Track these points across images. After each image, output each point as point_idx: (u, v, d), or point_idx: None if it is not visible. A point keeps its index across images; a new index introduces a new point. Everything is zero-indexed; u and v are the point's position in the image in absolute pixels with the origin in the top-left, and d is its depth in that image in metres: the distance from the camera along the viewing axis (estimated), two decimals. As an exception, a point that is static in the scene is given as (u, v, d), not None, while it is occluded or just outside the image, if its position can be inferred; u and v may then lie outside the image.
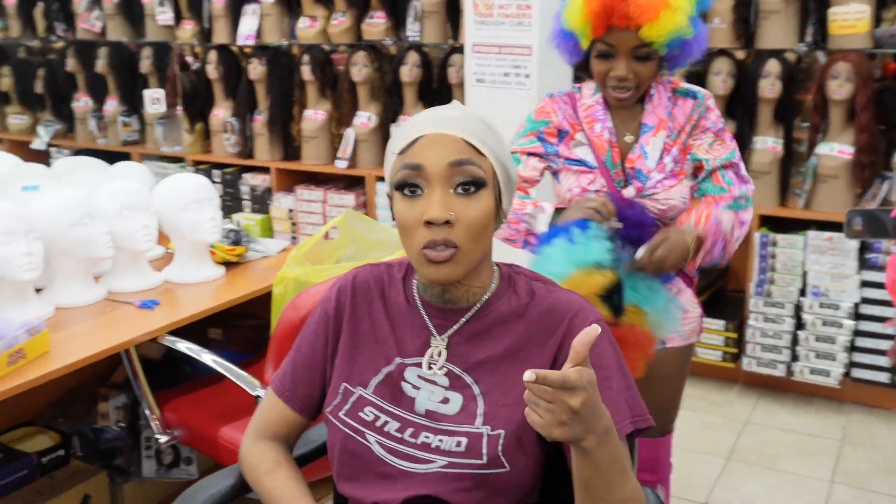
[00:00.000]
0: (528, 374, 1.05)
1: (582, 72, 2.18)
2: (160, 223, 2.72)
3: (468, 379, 1.36)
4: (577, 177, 2.08)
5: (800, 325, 3.72)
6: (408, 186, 1.29)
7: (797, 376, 3.75)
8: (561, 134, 2.12)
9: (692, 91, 2.09)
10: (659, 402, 2.20)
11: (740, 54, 3.95)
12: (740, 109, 3.89)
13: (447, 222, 1.26)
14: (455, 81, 4.27)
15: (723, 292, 4.21)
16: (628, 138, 2.08)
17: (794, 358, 3.75)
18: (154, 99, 3.52)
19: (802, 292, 3.72)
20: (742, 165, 2.10)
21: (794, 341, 3.74)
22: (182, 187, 2.68)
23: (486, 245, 1.34)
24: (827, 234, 3.62)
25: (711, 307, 4.01)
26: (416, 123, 1.34)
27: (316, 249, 2.66)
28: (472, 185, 1.28)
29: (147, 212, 2.62)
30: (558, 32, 2.08)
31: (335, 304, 1.46)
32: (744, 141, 3.85)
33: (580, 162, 2.09)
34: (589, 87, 2.14)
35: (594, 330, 1.09)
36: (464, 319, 1.38)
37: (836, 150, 3.62)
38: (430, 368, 1.37)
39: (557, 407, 1.06)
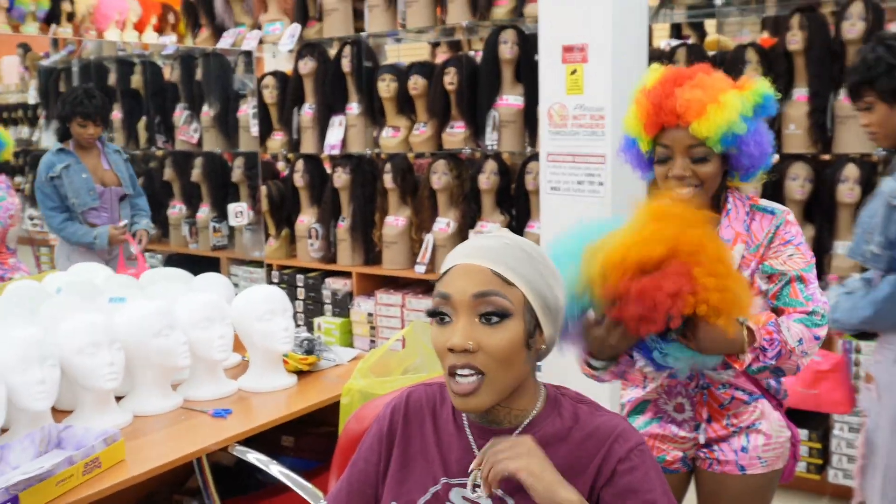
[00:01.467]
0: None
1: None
2: (236, 333, 2.79)
3: (510, 502, 1.36)
4: None
5: (888, 438, 3.58)
6: (438, 314, 1.35)
7: (888, 492, 3.59)
8: None
9: (770, 208, 2.04)
10: None
11: (820, 156, 3.93)
12: (819, 215, 3.85)
13: (467, 350, 1.30)
14: (532, 188, 4.33)
15: (808, 401, 4.09)
16: None
17: (884, 473, 3.60)
18: (237, 212, 3.67)
19: (890, 403, 3.59)
20: (817, 283, 2.02)
21: (883, 455, 3.59)
22: (257, 299, 2.76)
23: (517, 372, 1.35)
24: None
25: (794, 416, 3.89)
26: (455, 252, 1.40)
27: (383, 360, 2.69)
28: (495, 315, 1.31)
29: (224, 322, 2.70)
30: (624, 141, 2.11)
31: (388, 423, 1.50)
32: (824, 245, 3.80)
33: None
34: None
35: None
36: None
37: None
38: (474, 491, 1.38)
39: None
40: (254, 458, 2.45)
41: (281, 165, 5.83)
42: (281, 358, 2.86)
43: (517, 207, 4.53)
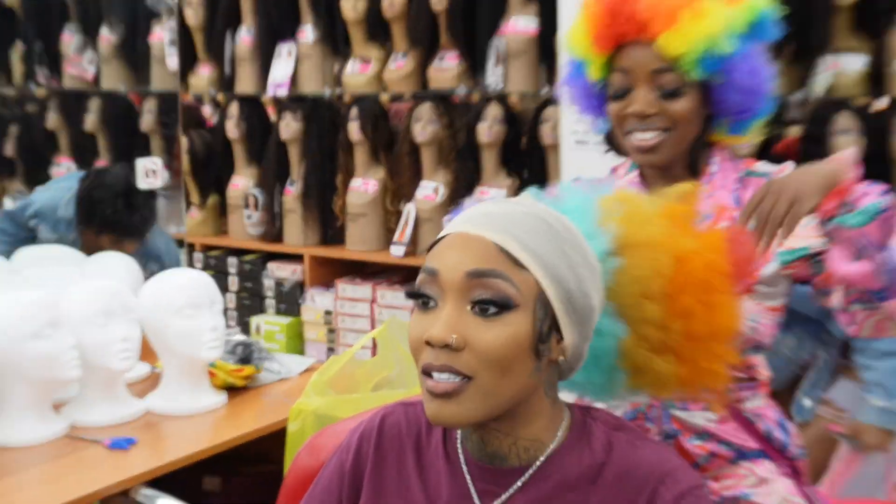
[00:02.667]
0: None
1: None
2: (145, 334, 2.77)
3: None
4: None
5: None
6: (420, 296, 1.34)
7: None
8: None
9: (769, 172, 1.94)
10: None
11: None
12: (875, 174, 3.81)
13: (448, 345, 1.29)
14: (549, 142, 4.30)
15: None
16: None
17: None
18: (149, 171, 3.62)
19: None
20: None
21: None
22: (174, 288, 2.75)
23: (515, 383, 1.33)
24: None
25: None
26: (455, 219, 1.39)
27: (347, 371, 2.70)
28: (493, 305, 1.30)
29: (127, 319, 2.68)
30: (569, 68, 2.02)
31: (354, 456, 1.50)
32: None
33: None
34: (625, 165, 2.06)
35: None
36: (516, 485, 1.38)
37: None
38: None
39: None
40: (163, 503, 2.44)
41: (208, 110, 5.78)
42: (206, 369, 2.86)
43: (529, 167, 4.50)
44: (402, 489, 1.45)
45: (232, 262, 5.17)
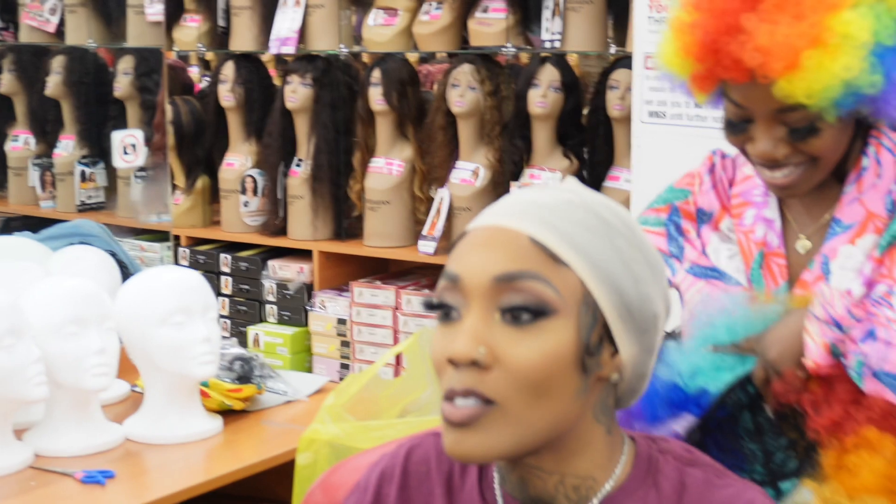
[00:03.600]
0: None
1: None
2: (124, 346, 2.79)
3: None
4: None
5: None
6: (441, 307, 1.34)
7: None
8: (701, 216, 2.06)
9: None
10: None
11: None
12: None
13: (476, 363, 1.28)
14: (617, 114, 4.32)
15: None
16: (802, 244, 1.98)
17: None
18: (127, 146, 3.66)
19: None
20: None
21: None
22: (160, 290, 2.76)
23: (557, 409, 1.33)
24: None
25: None
26: (486, 210, 1.40)
27: (369, 394, 2.70)
28: (527, 311, 1.29)
29: (103, 327, 2.69)
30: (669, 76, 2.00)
31: (374, 496, 1.51)
32: None
33: (717, 274, 2.00)
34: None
35: None
36: None
37: None
38: None
39: None
40: None
41: (196, 72, 5.82)
42: (197, 388, 2.87)
43: (592, 145, 4.54)
44: None
45: (225, 259, 5.20)
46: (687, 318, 1.95)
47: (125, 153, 3.71)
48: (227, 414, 2.96)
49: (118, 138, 3.72)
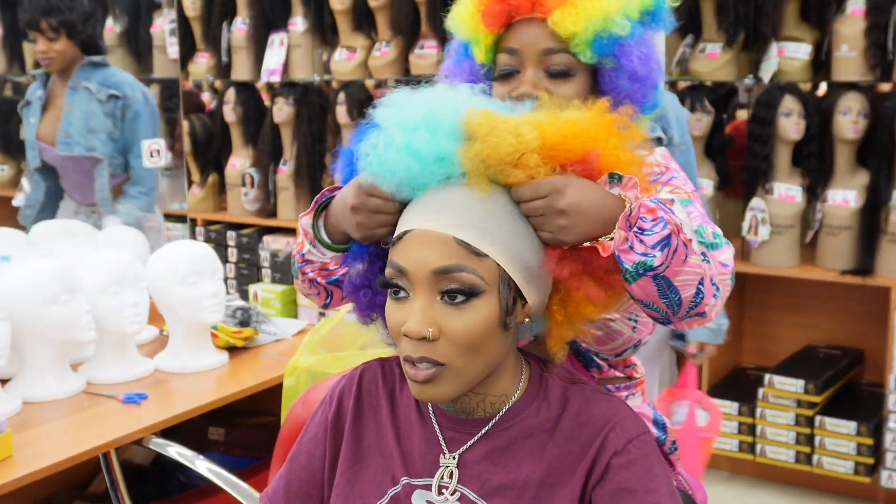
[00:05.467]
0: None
1: None
2: (153, 300, 2.81)
3: None
4: None
5: (954, 430, 3.66)
6: (393, 286, 1.34)
7: (952, 496, 3.67)
8: None
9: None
10: None
11: (878, 86, 3.97)
12: (875, 158, 3.89)
13: (425, 338, 1.29)
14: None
15: (856, 386, 4.16)
16: None
17: (949, 472, 3.68)
18: (153, 150, 3.64)
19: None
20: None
21: (948, 451, 3.68)
22: (179, 258, 2.77)
23: (488, 358, 1.34)
24: None
25: (841, 405, 3.97)
26: (412, 210, 1.35)
27: (337, 332, 2.71)
28: (460, 294, 1.30)
29: (137, 287, 2.71)
30: (454, 48, 1.78)
31: (336, 408, 1.50)
32: (880, 197, 3.84)
33: None
34: None
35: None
36: (480, 433, 1.40)
37: None
38: (440, 493, 1.39)
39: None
40: (175, 451, 2.47)
41: (206, 96, 5.80)
42: (209, 331, 2.88)
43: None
44: (380, 439, 1.46)
45: (231, 235, 5.22)
46: None
47: (151, 156, 3.68)
48: (232, 350, 2.98)
49: (145, 145, 3.67)
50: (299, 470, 1.52)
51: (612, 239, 1.34)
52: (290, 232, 5.07)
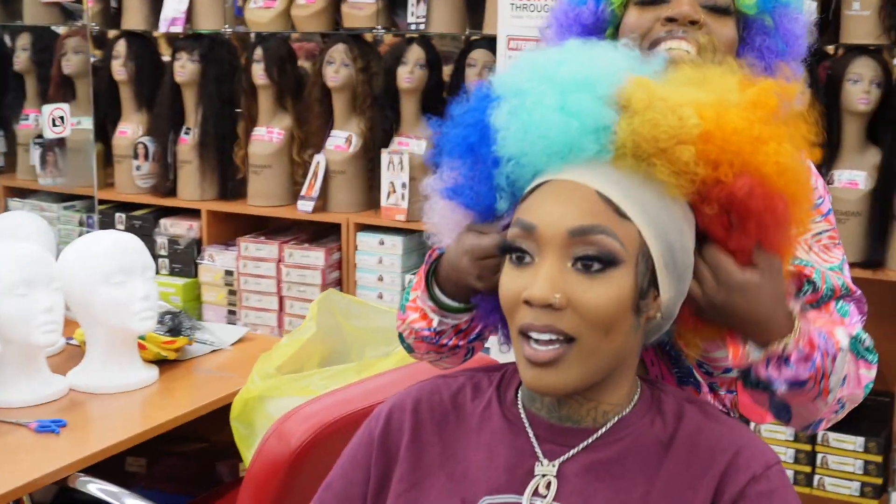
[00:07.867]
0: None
1: None
2: (67, 303, 2.71)
3: None
4: None
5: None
6: (515, 250, 1.34)
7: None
8: None
9: None
10: None
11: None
12: (889, 133, 3.90)
13: (551, 305, 1.29)
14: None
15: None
16: None
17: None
18: (56, 118, 3.51)
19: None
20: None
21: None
22: (101, 252, 2.69)
23: (618, 344, 1.35)
24: None
25: (845, 418, 3.98)
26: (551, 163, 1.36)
27: (285, 353, 2.71)
28: (597, 261, 1.30)
29: (51, 287, 2.63)
30: None
31: (383, 424, 1.52)
32: (895, 178, 3.85)
33: None
34: None
35: None
36: (586, 442, 1.41)
37: None
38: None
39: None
40: (97, 488, 2.48)
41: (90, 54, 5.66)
42: (136, 341, 2.83)
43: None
44: (448, 456, 1.47)
45: (120, 217, 5.09)
46: None
47: (54, 125, 3.57)
48: (162, 363, 2.92)
49: (47, 111, 3.58)
50: (333, 500, 1.54)
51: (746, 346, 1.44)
52: (193, 214, 4.98)
